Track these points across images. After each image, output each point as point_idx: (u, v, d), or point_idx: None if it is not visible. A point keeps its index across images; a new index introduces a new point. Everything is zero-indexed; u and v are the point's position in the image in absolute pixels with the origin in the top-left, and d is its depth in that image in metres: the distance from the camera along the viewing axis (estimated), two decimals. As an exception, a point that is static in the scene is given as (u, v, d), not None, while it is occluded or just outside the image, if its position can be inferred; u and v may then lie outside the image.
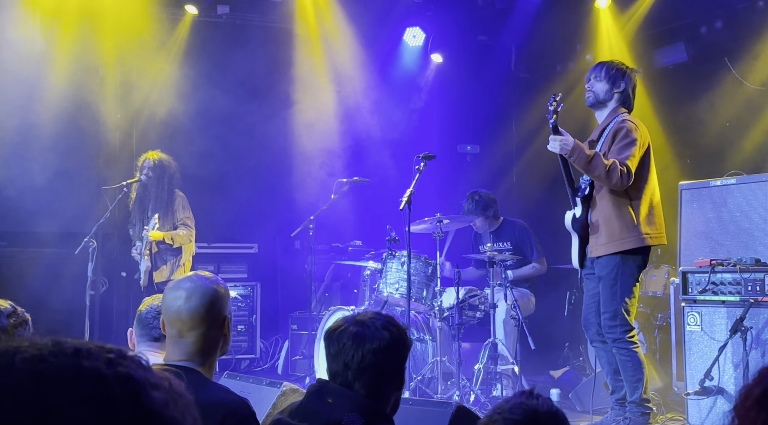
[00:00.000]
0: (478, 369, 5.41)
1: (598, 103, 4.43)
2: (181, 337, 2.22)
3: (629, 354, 4.26)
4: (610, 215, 4.25)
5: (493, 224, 6.34)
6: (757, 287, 4.29)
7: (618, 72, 4.40)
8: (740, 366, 4.23)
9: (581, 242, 4.43)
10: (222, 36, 7.89)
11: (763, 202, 4.96)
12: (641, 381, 4.26)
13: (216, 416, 2.00)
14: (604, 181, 4.18)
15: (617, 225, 4.23)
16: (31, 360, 0.75)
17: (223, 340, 2.29)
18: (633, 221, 4.24)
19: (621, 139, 4.24)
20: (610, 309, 4.27)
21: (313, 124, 8.18)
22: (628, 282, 4.28)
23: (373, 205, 7.74)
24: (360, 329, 2.08)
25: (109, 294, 7.19)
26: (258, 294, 7.61)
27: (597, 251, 4.32)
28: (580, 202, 4.38)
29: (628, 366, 4.26)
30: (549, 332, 6.88)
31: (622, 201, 4.26)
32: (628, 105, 4.43)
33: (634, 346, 4.27)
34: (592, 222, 4.33)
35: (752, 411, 0.95)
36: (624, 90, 4.39)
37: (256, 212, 7.85)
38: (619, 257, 4.25)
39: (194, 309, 2.20)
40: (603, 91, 4.39)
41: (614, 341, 4.28)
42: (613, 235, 4.24)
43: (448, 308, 5.53)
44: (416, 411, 3.12)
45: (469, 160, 8.91)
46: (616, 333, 4.25)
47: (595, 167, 4.12)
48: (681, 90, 7.34)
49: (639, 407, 4.26)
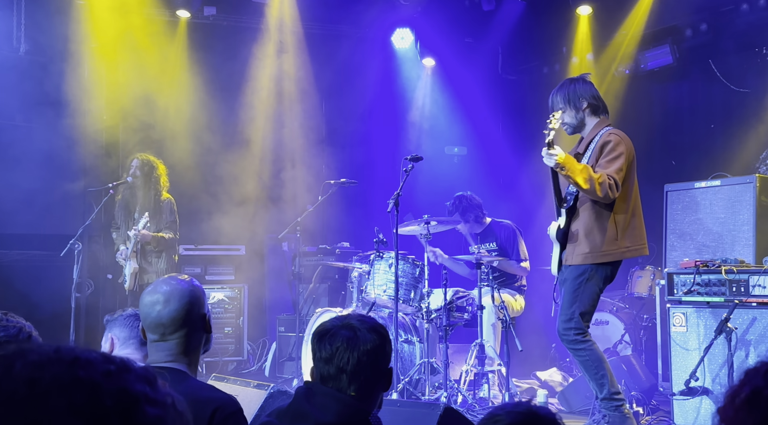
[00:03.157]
0: (465, 371, 5.42)
1: (575, 129, 4.50)
2: (164, 341, 2.21)
3: (586, 353, 4.29)
4: (592, 227, 4.30)
5: (478, 227, 6.36)
6: (742, 288, 4.33)
7: (572, 94, 4.44)
8: (725, 366, 4.26)
9: (562, 250, 4.49)
10: (209, 37, 7.87)
11: (747, 204, 5.00)
12: (605, 375, 4.28)
13: (205, 412, 2.01)
14: (593, 194, 4.22)
15: (599, 238, 4.28)
16: (30, 367, 0.75)
17: (205, 338, 2.30)
18: (615, 235, 4.29)
19: (608, 153, 4.28)
20: (566, 312, 4.32)
21: (300, 126, 8.18)
22: (592, 290, 4.32)
23: (361, 207, 7.75)
24: (351, 332, 2.09)
25: (95, 297, 7.15)
26: (245, 296, 7.59)
27: (573, 259, 4.37)
28: (565, 213, 4.44)
29: (589, 365, 4.29)
30: (536, 333, 6.91)
31: (605, 213, 4.30)
32: (602, 111, 4.48)
33: (589, 344, 4.30)
34: (573, 231, 4.38)
35: (741, 412, 0.95)
36: (589, 103, 4.42)
37: (243, 214, 7.83)
38: (590, 266, 4.31)
39: (175, 312, 2.20)
40: (572, 117, 4.44)
41: (569, 343, 4.32)
42: (595, 247, 4.28)
43: (435, 310, 5.54)
44: (404, 412, 3.12)
45: (457, 162, 8.93)
46: (569, 335, 4.30)
47: (585, 180, 4.16)
48: (666, 92, 7.40)
49: (611, 401, 4.27)
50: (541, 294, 7.19)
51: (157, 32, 7.64)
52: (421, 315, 5.58)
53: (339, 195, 7.05)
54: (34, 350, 0.78)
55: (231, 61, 7.84)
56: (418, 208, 7.21)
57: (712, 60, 6.96)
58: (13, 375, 0.74)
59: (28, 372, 0.75)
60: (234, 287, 7.60)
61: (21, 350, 0.78)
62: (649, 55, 7.41)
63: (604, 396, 4.28)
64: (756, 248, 4.89)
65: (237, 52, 7.88)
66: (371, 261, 5.81)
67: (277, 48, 8.07)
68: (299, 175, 8.06)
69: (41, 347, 0.79)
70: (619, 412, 4.25)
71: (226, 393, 2.16)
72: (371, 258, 5.83)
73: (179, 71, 7.74)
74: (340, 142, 8.27)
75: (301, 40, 8.13)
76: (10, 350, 0.78)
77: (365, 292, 5.78)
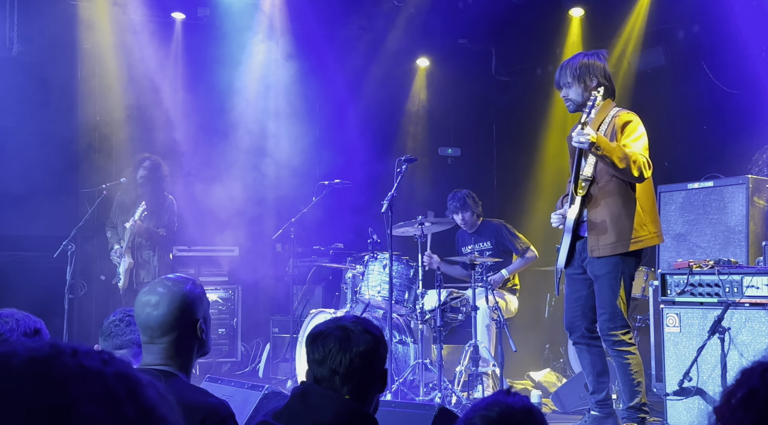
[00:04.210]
0: (459, 372, 5.42)
1: (579, 106, 4.20)
2: (152, 344, 2.20)
3: (630, 356, 4.13)
4: (620, 214, 4.07)
5: (473, 224, 6.37)
6: (735, 288, 4.34)
7: (583, 69, 4.17)
8: (718, 366, 4.28)
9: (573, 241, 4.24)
10: (203, 37, 7.86)
11: (739, 205, 5.03)
12: (641, 384, 4.14)
13: (196, 417, 1.99)
14: (627, 174, 3.98)
15: (627, 225, 4.06)
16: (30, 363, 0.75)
17: (199, 343, 2.26)
18: (642, 220, 4.10)
19: (631, 132, 4.07)
20: (608, 310, 4.11)
21: (294, 126, 8.17)
22: (627, 282, 4.15)
23: (355, 208, 7.74)
24: (344, 334, 2.08)
25: (88, 298, 7.12)
26: (239, 298, 7.58)
27: (601, 251, 4.10)
28: (579, 201, 4.17)
29: (628, 370, 4.11)
30: (530, 334, 6.92)
31: (632, 199, 4.09)
32: (610, 93, 4.23)
33: (633, 347, 4.15)
34: (595, 220, 4.11)
35: (737, 411, 0.96)
36: (598, 82, 4.16)
37: (237, 215, 7.82)
38: (620, 257, 4.10)
39: (162, 317, 2.18)
40: (578, 94, 4.18)
41: (614, 343, 4.12)
42: (623, 235, 4.06)
43: (429, 310, 5.54)
44: (398, 414, 3.12)
45: (450, 163, 8.94)
46: (616, 335, 4.10)
47: (620, 159, 3.92)
48: (659, 94, 7.42)
49: (638, 412, 4.15)
50: (535, 295, 7.21)
51: (151, 33, 7.63)
52: (416, 316, 5.58)
53: (333, 196, 7.04)
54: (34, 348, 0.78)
55: (225, 61, 7.83)
56: (412, 209, 7.21)
57: (705, 61, 6.98)
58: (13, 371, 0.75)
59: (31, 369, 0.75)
60: (228, 288, 7.58)
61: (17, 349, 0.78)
62: (642, 57, 7.44)
63: (633, 405, 4.14)
64: (749, 249, 4.91)
65: (230, 53, 7.87)
66: (365, 262, 5.82)
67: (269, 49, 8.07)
68: (293, 175, 8.06)
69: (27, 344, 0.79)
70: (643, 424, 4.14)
71: (217, 398, 2.13)
72: (365, 259, 5.84)
73: (173, 72, 7.73)
74: (333, 142, 8.27)
75: (294, 40, 8.13)
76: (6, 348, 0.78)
77: (359, 293, 5.78)
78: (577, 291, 4.34)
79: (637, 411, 4.16)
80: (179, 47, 7.84)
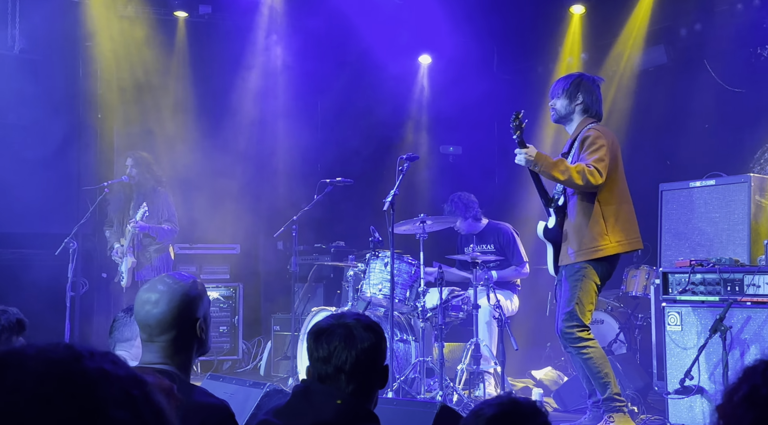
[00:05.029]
0: (460, 370, 5.42)
1: (561, 118, 4.53)
2: (151, 342, 2.19)
3: (589, 351, 4.27)
4: (581, 224, 4.31)
5: (476, 226, 6.37)
6: (736, 287, 4.35)
7: (573, 86, 4.48)
8: (720, 365, 4.27)
9: (555, 250, 4.49)
10: (204, 35, 7.86)
11: (741, 203, 5.02)
12: (608, 375, 4.28)
13: (195, 418, 1.97)
14: (573, 184, 4.23)
15: (587, 234, 4.29)
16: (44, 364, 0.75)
17: (198, 342, 2.24)
18: (604, 230, 4.29)
19: (588, 146, 4.31)
20: (565, 310, 4.32)
21: (295, 124, 8.17)
22: (588, 287, 4.31)
23: (356, 206, 7.74)
24: (348, 331, 2.08)
25: (90, 295, 7.13)
26: (240, 295, 7.58)
27: (565, 260, 4.39)
28: (554, 212, 4.45)
29: (592, 364, 4.27)
30: (531, 332, 6.92)
31: (592, 210, 4.31)
32: (593, 114, 4.50)
33: (591, 342, 4.30)
34: (564, 231, 4.40)
35: (739, 409, 0.96)
36: (583, 101, 4.46)
37: (238, 213, 7.83)
38: (583, 263, 4.31)
39: (161, 315, 2.16)
40: (563, 106, 4.49)
41: (572, 341, 4.30)
42: (582, 244, 4.29)
43: (431, 309, 5.54)
44: (400, 411, 3.12)
45: (452, 161, 8.94)
46: (572, 334, 4.28)
47: (561, 172, 4.19)
48: (661, 92, 7.41)
49: (613, 401, 4.27)
50: (536, 293, 7.20)
51: (153, 31, 7.63)
52: (417, 314, 5.58)
53: (334, 194, 7.04)
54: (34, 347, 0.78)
55: (226, 59, 7.82)
56: (413, 207, 7.21)
57: (707, 60, 6.97)
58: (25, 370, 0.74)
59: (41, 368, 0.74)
60: (229, 286, 7.59)
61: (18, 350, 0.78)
62: (644, 55, 7.43)
63: (606, 397, 4.26)
64: (750, 247, 4.90)
65: (232, 50, 7.87)
66: (367, 260, 5.82)
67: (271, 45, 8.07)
68: (295, 173, 8.06)
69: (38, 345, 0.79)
70: (620, 413, 4.24)
71: (216, 398, 2.11)
72: (367, 257, 5.84)
73: (175, 70, 7.72)
74: (335, 140, 8.27)
75: (296, 37, 8.12)
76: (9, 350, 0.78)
77: (361, 291, 5.78)
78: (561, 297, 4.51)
79: (612, 401, 4.26)
80: (181, 45, 7.83)
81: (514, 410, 1.53)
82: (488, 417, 1.52)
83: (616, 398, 4.29)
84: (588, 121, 4.47)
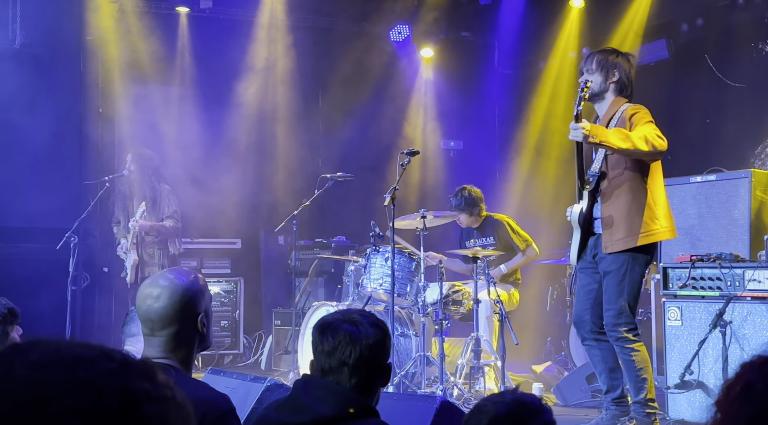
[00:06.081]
0: (461, 364, 5.43)
1: (594, 95, 4.21)
2: (153, 336, 2.20)
3: (635, 353, 4.12)
4: (630, 208, 4.06)
5: (477, 220, 6.37)
6: (737, 282, 4.35)
7: (609, 61, 4.21)
8: (720, 360, 4.28)
9: (582, 238, 4.23)
10: (205, 30, 7.85)
11: (742, 198, 5.02)
12: (646, 380, 4.13)
13: (196, 412, 1.97)
14: (637, 152, 3.95)
15: (638, 218, 4.05)
16: (31, 368, 0.75)
17: (200, 337, 2.24)
18: (654, 214, 4.09)
19: (639, 120, 4.07)
20: (615, 306, 4.11)
21: (296, 119, 8.17)
22: (636, 279, 4.13)
23: (357, 201, 7.75)
24: (354, 327, 2.09)
25: (91, 290, 7.14)
26: (241, 290, 7.59)
27: (613, 247, 4.09)
28: (587, 195, 4.16)
29: (633, 366, 4.11)
30: (531, 327, 6.93)
31: (643, 192, 4.09)
32: (626, 93, 4.25)
33: (638, 344, 4.14)
34: (606, 216, 4.11)
35: (735, 404, 0.96)
36: (619, 79, 4.20)
37: (239, 207, 7.83)
38: (629, 254, 4.08)
39: (162, 309, 2.17)
40: (597, 83, 4.19)
41: (618, 339, 4.12)
42: (632, 230, 4.04)
43: (431, 303, 5.55)
44: (401, 406, 3.13)
45: (453, 156, 8.94)
46: (620, 331, 4.10)
47: (622, 139, 3.89)
48: (662, 87, 7.40)
49: (644, 407, 4.14)
50: (537, 288, 7.21)
51: (154, 25, 7.62)
52: (417, 309, 5.59)
53: (335, 189, 7.05)
54: (35, 349, 0.78)
55: (227, 54, 7.82)
56: (414, 202, 7.21)
57: (708, 55, 6.97)
58: (13, 376, 0.74)
59: (29, 374, 0.74)
60: (230, 280, 7.60)
61: (21, 350, 0.78)
62: (645, 50, 7.42)
63: (638, 400, 4.14)
64: (751, 242, 4.90)
65: (233, 45, 7.86)
66: (368, 255, 5.82)
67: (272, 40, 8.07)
68: (295, 168, 8.06)
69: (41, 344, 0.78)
70: (648, 420, 4.13)
71: (217, 392, 2.12)
72: (368, 251, 5.84)
73: (176, 64, 7.72)
74: (336, 135, 8.27)
75: (298, 33, 8.12)
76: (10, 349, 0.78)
77: (362, 286, 5.79)
78: (587, 284, 4.31)
79: (643, 406, 4.14)
80: (183, 40, 7.82)
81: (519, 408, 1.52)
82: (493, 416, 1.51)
83: (648, 404, 4.15)
84: (622, 100, 4.22)
